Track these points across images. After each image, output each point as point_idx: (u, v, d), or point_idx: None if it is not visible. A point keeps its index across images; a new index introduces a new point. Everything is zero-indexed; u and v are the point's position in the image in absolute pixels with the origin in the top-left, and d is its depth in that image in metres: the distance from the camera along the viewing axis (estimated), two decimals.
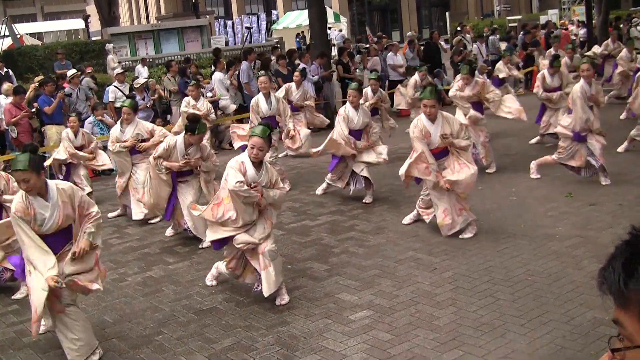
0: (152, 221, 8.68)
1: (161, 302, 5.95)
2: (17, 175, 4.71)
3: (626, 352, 1.33)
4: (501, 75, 13.70)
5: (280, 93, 10.95)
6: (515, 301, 5.24)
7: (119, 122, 8.97)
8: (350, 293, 5.71)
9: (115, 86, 13.79)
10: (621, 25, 21.39)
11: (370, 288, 5.77)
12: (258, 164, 5.59)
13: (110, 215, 9.09)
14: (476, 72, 10.50)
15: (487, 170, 9.49)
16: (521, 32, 20.22)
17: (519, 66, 17.00)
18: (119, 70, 14.61)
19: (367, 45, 18.23)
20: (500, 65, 14.00)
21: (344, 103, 9.55)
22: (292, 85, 11.45)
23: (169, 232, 8.00)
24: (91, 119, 12.21)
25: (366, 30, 27.70)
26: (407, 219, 7.58)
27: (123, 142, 8.57)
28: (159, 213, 8.20)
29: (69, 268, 4.80)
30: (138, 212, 8.63)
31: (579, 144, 8.36)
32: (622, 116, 12.30)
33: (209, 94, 13.40)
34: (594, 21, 21.41)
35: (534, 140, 11.26)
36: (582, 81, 8.41)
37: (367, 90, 10.57)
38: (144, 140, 8.60)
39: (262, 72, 10.65)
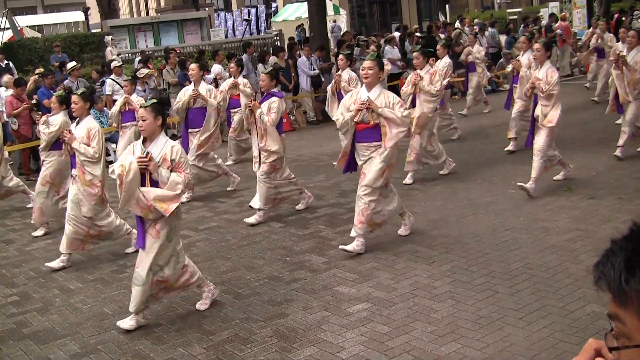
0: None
1: None
2: None
3: (622, 350, 1.30)
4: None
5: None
6: (514, 295, 5.24)
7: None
8: (349, 286, 5.71)
9: (112, 79, 13.76)
10: (623, 18, 21.31)
11: (368, 281, 5.78)
12: None
13: None
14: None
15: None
16: (521, 25, 20.18)
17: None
18: (116, 62, 14.59)
19: (366, 38, 18.20)
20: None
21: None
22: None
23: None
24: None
25: (366, 23, 27.56)
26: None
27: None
28: None
29: None
30: None
31: None
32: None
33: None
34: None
35: None
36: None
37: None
38: None
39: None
